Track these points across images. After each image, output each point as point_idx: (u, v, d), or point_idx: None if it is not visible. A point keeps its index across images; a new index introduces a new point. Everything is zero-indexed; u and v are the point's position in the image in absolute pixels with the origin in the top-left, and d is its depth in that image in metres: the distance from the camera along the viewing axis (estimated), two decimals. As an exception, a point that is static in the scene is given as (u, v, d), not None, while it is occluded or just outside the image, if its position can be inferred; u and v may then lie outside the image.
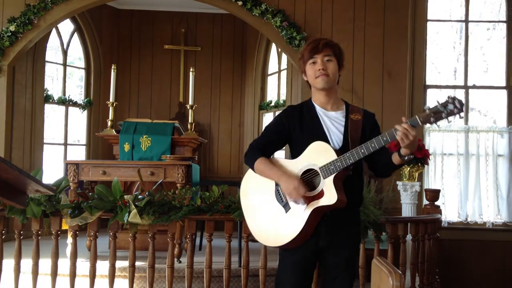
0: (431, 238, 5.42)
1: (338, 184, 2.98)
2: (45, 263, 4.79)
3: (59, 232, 4.70)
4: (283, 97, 8.83)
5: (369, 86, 7.41)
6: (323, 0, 7.53)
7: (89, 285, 4.67)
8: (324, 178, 2.98)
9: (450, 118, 2.76)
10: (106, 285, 4.72)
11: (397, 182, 6.67)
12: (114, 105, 6.77)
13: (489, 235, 7.42)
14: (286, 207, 3.10)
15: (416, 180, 6.68)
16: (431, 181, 7.45)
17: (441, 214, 6.04)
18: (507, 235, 7.41)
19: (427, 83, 7.67)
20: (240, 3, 7.29)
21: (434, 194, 6.13)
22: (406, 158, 2.96)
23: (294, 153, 3.21)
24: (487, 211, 7.46)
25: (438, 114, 2.75)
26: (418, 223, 5.19)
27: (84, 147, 9.37)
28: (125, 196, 4.55)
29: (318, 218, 3.05)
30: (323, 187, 2.99)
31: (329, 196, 2.96)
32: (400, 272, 2.18)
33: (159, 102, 9.81)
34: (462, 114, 2.77)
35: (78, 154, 9.31)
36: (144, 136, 6.34)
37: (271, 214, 3.15)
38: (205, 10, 9.40)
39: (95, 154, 9.28)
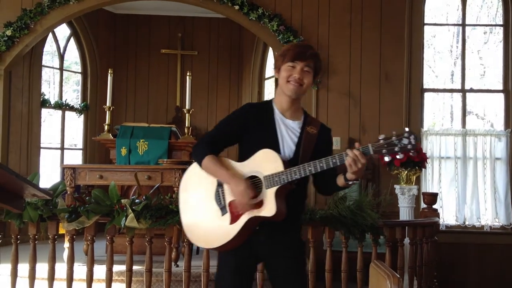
0: (429, 241, 5.40)
1: (280, 196, 2.87)
2: (42, 268, 4.77)
3: (56, 237, 4.68)
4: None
5: (366, 90, 7.41)
6: (320, 5, 7.53)
7: (86, 289, 4.65)
8: (266, 188, 2.88)
9: (402, 155, 2.77)
10: (103, 290, 4.71)
11: (395, 186, 6.67)
12: (111, 109, 6.77)
13: (487, 238, 7.42)
14: (223, 210, 2.98)
15: (413, 183, 6.68)
16: (429, 185, 7.45)
17: (439, 218, 6.03)
18: (505, 238, 7.41)
19: (424, 86, 7.68)
20: (237, 7, 7.29)
21: (432, 198, 6.12)
22: (350, 182, 2.91)
23: (241, 154, 3.09)
24: (485, 215, 7.47)
25: (391, 147, 2.70)
26: (416, 226, 5.18)
27: (81, 151, 9.35)
28: (122, 200, 4.53)
29: (253, 226, 2.94)
30: (264, 197, 2.88)
31: (269, 208, 2.85)
32: (398, 275, 2.18)
33: (156, 106, 9.81)
34: (412, 153, 2.76)
35: (75, 158, 9.30)
36: (141, 140, 6.33)
37: (206, 214, 3.03)
38: (201, 15, 9.40)
39: (92, 159, 9.26)
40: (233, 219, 2.94)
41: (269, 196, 2.86)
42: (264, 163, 2.91)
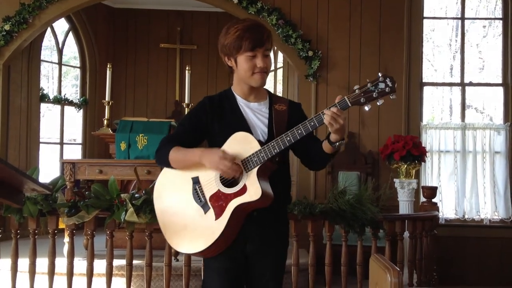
0: (428, 235, 5.41)
1: (263, 178, 2.68)
2: (42, 262, 4.78)
3: (56, 231, 4.69)
4: (279, 95, 8.82)
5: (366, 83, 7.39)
6: (319, -2, 7.53)
7: (87, 284, 4.66)
8: (246, 172, 2.67)
9: (381, 100, 2.57)
10: (104, 284, 4.72)
11: (394, 180, 6.68)
12: (110, 104, 6.77)
13: (487, 232, 7.43)
14: (205, 207, 2.74)
15: (413, 177, 6.69)
16: (428, 179, 7.45)
17: (438, 211, 6.04)
18: (504, 231, 7.42)
19: (424, 80, 7.67)
20: (235, 1, 7.28)
21: (431, 191, 6.13)
22: (337, 144, 2.69)
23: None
24: (484, 208, 7.47)
25: (369, 93, 2.56)
26: (415, 220, 5.19)
27: (80, 146, 9.35)
28: (122, 195, 4.53)
29: (242, 218, 2.73)
30: (246, 181, 2.67)
31: (253, 191, 2.64)
32: (398, 269, 2.18)
33: (155, 101, 9.81)
34: (394, 95, 2.58)
35: (74, 153, 9.30)
36: (141, 135, 6.32)
37: (188, 217, 2.79)
38: (200, 9, 9.38)
39: (91, 153, 9.26)
40: (218, 213, 2.71)
41: (252, 179, 2.66)
42: (239, 147, 2.72)
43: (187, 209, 2.80)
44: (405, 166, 6.62)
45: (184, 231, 2.81)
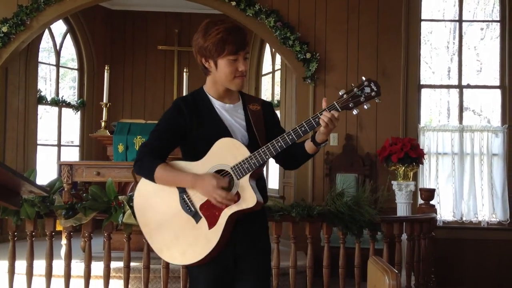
0: (426, 237, 5.42)
1: (253, 184, 2.67)
2: (39, 264, 4.78)
3: (53, 233, 4.68)
4: (277, 97, 8.82)
5: (363, 86, 7.39)
6: (316, 0, 7.52)
7: (84, 286, 4.65)
8: (238, 179, 2.65)
9: (368, 104, 2.64)
10: (101, 286, 4.71)
11: (392, 182, 6.68)
12: (108, 106, 6.77)
13: (484, 234, 7.42)
14: (196, 216, 2.69)
15: (411, 179, 6.69)
16: (426, 181, 7.45)
17: (436, 214, 6.04)
18: (502, 234, 7.42)
19: (421, 82, 7.67)
20: (233, 3, 7.28)
21: (429, 194, 6.13)
22: (323, 145, 2.75)
23: (188, 153, 2.84)
24: (482, 210, 7.47)
25: (356, 98, 2.62)
26: (413, 222, 5.19)
27: (78, 148, 9.33)
28: (120, 197, 4.53)
29: (232, 224, 2.69)
30: (238, 189, 2.64)
31: (248, 198, 2.63)
32: (396, 271, 2.18)
33: (152, 103, 9.80)
34: (378, 99, 2.64)
35: (72, 155, 9.28)
36: (138, 137, 6.32)
37: (178, 229, 2.72)
38: (198, 11, 9.37)
39: (88, 155, 9.24)
40: (211, 223, 2.66)
41: (245, 186, 2.64)
42: (226, 153, 2.68)
43: (175, 219, 2.73)
44: (403, 168, 6.62)
45: (175, 241, 2.73)
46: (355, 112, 2.66)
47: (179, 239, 2.72)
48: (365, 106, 2.64)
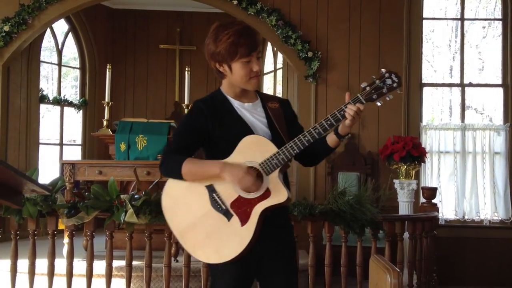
0: (428, 236, 5.41)
1: (282, 179, 2.69)
2: (41, 263, 4.78)
3: (55, 232, 4.69)
4: (279, 95, 8.82)
5: (365, 84, 7.38)
6: (318, -1, 7.53)
7: (86, 284, 4.66)
8: (267, 175, 2.66)
9: (391, 95, 2.68)
10: (103, 285, 4.72)
11: (394, 180, 6.67)
12: (110, 104, 6.77)
13: (486, 232, 7.42)
14: (228, 214, 2.68)
15: (413, 178, 6.68)
16: (428, 179, 7.45)
17: (438, 212, 6.04)
18: (504, 232, 7.41)
19: (423, 81, 7.67)
20: (235, 2, 7.27)
21: (431, 192, 6.12)
22: (346, 137, 2.78)
23: (212, 155, 2.82)
24: (484, 209, 7.47)
25: (379, 90, 2.66)
26: (415, 221, 5.19)
27: (80, 147, 9.34)
28: (122, 196, 4.53)
29: (262, 220, 2.68)
30: (268, 185, 2.66)
31: (278, 194, 2.65)
32: (397, 269, 2.18)
33: (154, 102, 9.80)
34: (400, 89, 2.70)
35: (74, 154, 9.29)
36: (140, 136, 6.32)
37: (210, 227, 2.71)
38: (200, 10, 9.37)
39: (90, 154, 9.25)
40: (243, 219, 2.67)
41: (275, 181, 2.66)
42: (253, 150, 2.68)
43: (206, 218, 2.72)
44: (405, 167, 6.62)
45: (208, 241, 2.72)
46: (379, 103, 2.69)
47: (211, 238, 2.72)
48: (387, 98, 2.68)
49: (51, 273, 4.66)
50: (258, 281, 2.88)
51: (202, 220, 2.73)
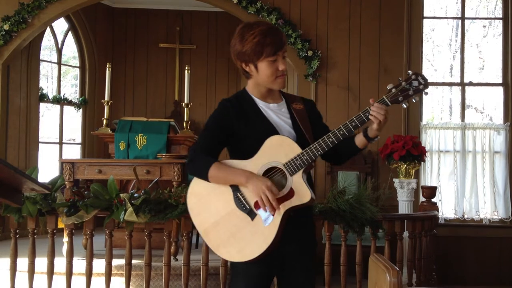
0: (428, 235, 5.41)
1: (306, 180, 2.70)
2: (41, 262, 4.78)
3: (55, 231, 4.69)
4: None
5: (365, 83, 7.40)
6: (318, -2, 7.53)
7: (86, 283, 4.66)
8: (291, 176, 2.68)
9: (416, 97, 2.68)
10: (103, 283, 4.72)
11: (394, 180, 6.67)
12: (109, 103, 6.76)
13: (486, 231, 7.42)
14: (252, 214, 2.71)
15: (412, 177, 6.68)
16: (428, 178, 7.45)
17: (437, 211, 6.04)
18: (504, 231, 7.42)
19: (423, 80, 7.65)
20: (235, 1, 7.27)
21: (431, 191, 6.12)
22: (375, 139, 2.77)
23: (237, 154, 2.85)
24: (484, 208, 7.47)
25: (405, 92, 2.66)
26: (415, 220, 5.19)
27: (80, 145, 9.34)
28: (121, 195, 4.53)
29: (286, 220, 2.71)
30: (292, 185, 2.67)
31: (302, 194, 2.67)
32: (397, 268, 2.18)
33: (154, 101, 9.80)
34: (427, 90, 2.69)
35: (74, 153, 9.29)
36: (140, 135, 6.32)
37: (234, 226, 2.74)
38: (200, 8, 9.38)
39: (90, 153, 9.25)
40: (267, 220, 2.71)
41: (298, 182, 2.67)
42: (277, 151, 2.71)
43: (230, 217, 2.76)
44: (405, 166, 6.61)
45: (232, 239, 2.75)
46: (404, 106, 2.70)
47: (235, 237, 2.75)
48: (413, 100, 2.68)
49: (50, 271, 4.66)
50: (277, 277, 2.93)
51: (226, 219, 2.76)
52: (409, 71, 2.70)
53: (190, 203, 2.86)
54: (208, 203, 2.81)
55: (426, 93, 2.70)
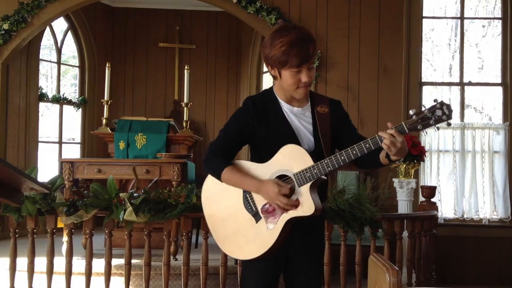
0: (427, 234, 5.42)
1: (313, 192, 2.73)
2: (40, 261, 4.78)
3: (54, 230, 4.69)
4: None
5: (365, 83, 7.40)
6: (318, -3, 7.53)
7: (85, 283, 4.66)
8: (299, 186, 2.71)
9: (438, 125, 2.58)
10: (102, 283, 4.72)
11: (393, 179, 6.67)
12: (109, 103, 6.75)
13: (485, 231, 7.43)
14: (257, 216, 2.79)
15: (412, 177, 6.68)
16: (427, 178, 7.45)
17: (437, 211, 6.04)
18: (503, 231, 7.42)
19: (423, 80, 7.67)
20: (235, 0, 7.27)
21: (430, 191, 6.13)
22: (397, 162, 2.76)
23: (256, 153, 2.91)
24: (483, 208, 7.47)
25: (426, 121, 2.55)
26: (414, 220, 5.19)
27: (79, 145, 9.34)
28: (121, 194, 4.53)
29: (290, 228, 2.77)
30: (298, 196, 2.72)
31: (306, 206, 2.70)
32: (397, 268, 2.18)
33: (154, 100, 9.80)
34: (451, 121, 2.58)
35: (73, 152, 9.29)
36: (139, 134, 6.32)
37: (239, 225, 2.84)
38: (199, 8, 9.37)
39: (90, 152, 9.25)
40: (270, 224, 2.78)
41: (304, 194, 2.71)
42: (291, 159, 2.74)
43: (237, 215, 2.86)
44: (404, 165, 6.61)
45: (235, 236, 2.87)
46: (423, 133, 2.66)
47: (239, 235, 2.85)
48: (435, 129, 2.61)
49: (50, 271, 4.66)
50: (284, 276, 2.99)
51: (234, 216, 2.87)
52: (435, 98, 2.58)
53: (204, 194, 2.99)
54: (220, 197, 2.92)
55: (450, 124, 2.60)
